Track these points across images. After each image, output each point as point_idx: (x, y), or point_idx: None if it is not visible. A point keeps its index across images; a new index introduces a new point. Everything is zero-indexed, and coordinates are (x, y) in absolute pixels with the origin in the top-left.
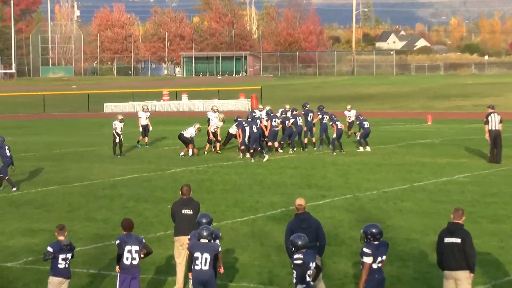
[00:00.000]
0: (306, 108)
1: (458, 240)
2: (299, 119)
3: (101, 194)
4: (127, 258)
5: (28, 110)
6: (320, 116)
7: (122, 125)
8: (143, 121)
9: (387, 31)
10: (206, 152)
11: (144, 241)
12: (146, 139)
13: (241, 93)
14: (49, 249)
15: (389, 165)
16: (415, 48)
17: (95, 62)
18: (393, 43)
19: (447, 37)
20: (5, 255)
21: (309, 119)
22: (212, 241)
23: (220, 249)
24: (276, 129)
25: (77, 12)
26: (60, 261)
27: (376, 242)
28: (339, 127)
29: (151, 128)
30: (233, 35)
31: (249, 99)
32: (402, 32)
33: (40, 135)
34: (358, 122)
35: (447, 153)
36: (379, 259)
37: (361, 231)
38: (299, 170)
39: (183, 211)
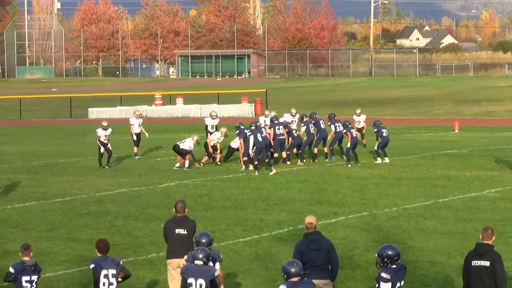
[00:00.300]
0: (316, 117)
1: (487, 263)
2: (311, 127)
3: (85, 211)
4: (103, 284)
5: (2, 116)
6: (332, 127)
7: (107, 133)
8: (136, 128)
9: (409, 27)
10: (202, 164)
11: (121, 263)
12: (136, 149)
13: (244, 97)
14: (11, 269)
15: (411, 178)
16: (441, 46)
17: (78, 62)
18: (416, 40)
19: (478, 33)
20: None
21: (322, 126)
22: (209, 264)
23: (217, 273)
24: (282, 137)
25: (57, 5)
26: (24, 283)
27: (394, 266)
28: (354, 135)
29: (147, 135)
30: (235, 31)
31: (253, 104)
32: (427, 28)
33: (16, 144)
34: (375, 130)
35: (476, 165)
36: (398, 284)
37: (376, 254)
38: (308, 185)
39: (177, 230)
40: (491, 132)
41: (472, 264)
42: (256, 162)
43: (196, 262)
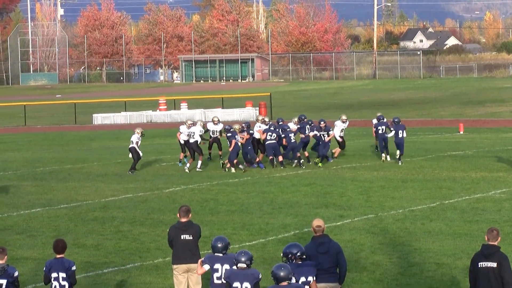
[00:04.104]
0: (304, 120)
1: (494, 265)
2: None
3: (91, 217)
4: (55, 287)
5: (6, 123)
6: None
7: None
8: (184, 136)
9: (413, 29)
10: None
11: (73, 268)
12: (182, 155)
13: (248, 101)
14: None
15: (416, 180)
16: (444, 48)
17: (82, 68)
18: (420, 42)
19: (481, 34)
20: None
21: (307, 132)
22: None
23: (260, 276)
24: (273, 142)
25: (60, 11)
26: None
27: (300, 262)
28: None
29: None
30: (238, 35)
31: (257, 108)
32: (430, 29)
33: (20, 150)
34: (393, 127)
35: (482, 166)
36: (303, 279)
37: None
38: (314, 188)
39: (182, 236)
40: (496, 133)
41: (479, 266)
42: (235, 161)
43: (239, 265)
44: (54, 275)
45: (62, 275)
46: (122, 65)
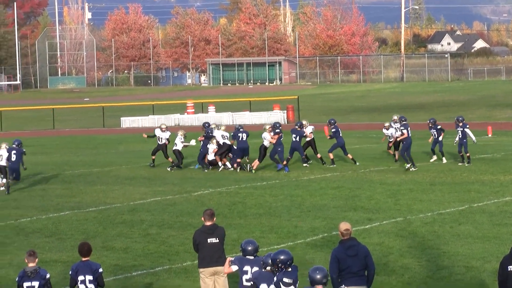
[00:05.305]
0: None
1: None
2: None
3: (120, 220)
4: None
5: (35, 126)
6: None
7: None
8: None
9: (440, 31)
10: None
11: (100, 270)
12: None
13: (276, 104)
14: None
15: (445, 183)
16: (472, 50)
17: (110, 71)
18: (448, 44)
19: (509, 37)
20: None
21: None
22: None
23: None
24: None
25: (88, 15)
26: None
27: (290, 269)
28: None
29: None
30: (266, 38)
31: (285, 111)
32: (458, 32)
33: (49, 154)
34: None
35: (510, 169)
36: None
37: (270, 259)
38: (342, 191)
39: (209, 240)
40: None
41: (508, 269)
42: (238, 160)
43: (268, 268)
44: (81, 278)
45: (89, 277)
46: (149, 68)
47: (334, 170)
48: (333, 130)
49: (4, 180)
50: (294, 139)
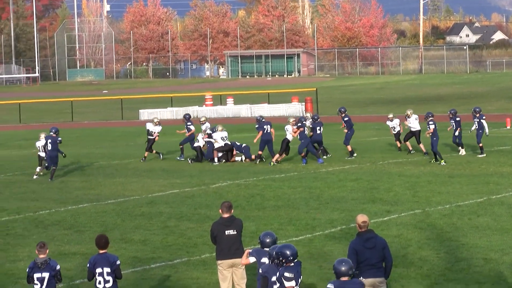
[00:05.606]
0: (317, 121)
1: None
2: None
3: (138, 212)
4: (99, 282)
5: (54, 118)
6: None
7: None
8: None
9: (459, 23)
10: (272, 163)
11: (118, 263)
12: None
13: (294, 96)
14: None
15: (463, 176)
16: (491, 42)
17: (129, 64)
18: (466, 36)
19: None
20: None
21: (317, 131)
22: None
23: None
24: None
25: (107, 7)
26: (35, 280)
27: (292, 264)
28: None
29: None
30: (284, 30)
31: (303, 103)
32: (477, 24)
33: (67, 146)
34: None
35: None
36: (299, 281)
37: (274, 252)
38: (360, 183)
39: (227, 232)
40: None
41: None
42: (260, 152)
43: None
44: (98, 270)
45: (107, 270)
46: (168, 60)
47: (353, 162)
48: (345, 119)
49: (38, 169)
50: (318, 131)
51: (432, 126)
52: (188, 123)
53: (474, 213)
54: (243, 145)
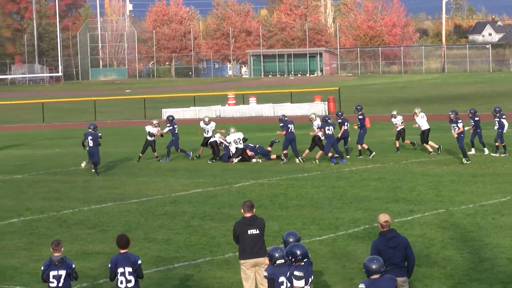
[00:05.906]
0: (343, 117)
1: None
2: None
3: (162, 211)
4: (121, 282)
5: (77, 118)
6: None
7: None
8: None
9: (482, 22)
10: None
11: (139, 262)
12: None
13: (317, 95)
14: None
15: (486, 175)
16: None
17: (151, 63)
18: (489, 35)
19: None
20: None
21: (345, 127)
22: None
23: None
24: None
25: (129, 6)
26: (51, 278)
27: (303, 263)
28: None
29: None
30: (307, 30)
31: (326, 102)
32: (499, 23)
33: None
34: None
35: None
36: (309, 280)
37: (284, 251)
38: (384, 182)
39: (249, 231)
40: None
41: None
42: (285, 152)
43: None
44: (120, 270)
45: (128, 269)
46: (190, 60)
47: (376, 161)
48: (360, 116)
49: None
50: (346, 127)
51: (460, 125)
52: (168, 125)
53: (498, 213)
54: (257, 146)
